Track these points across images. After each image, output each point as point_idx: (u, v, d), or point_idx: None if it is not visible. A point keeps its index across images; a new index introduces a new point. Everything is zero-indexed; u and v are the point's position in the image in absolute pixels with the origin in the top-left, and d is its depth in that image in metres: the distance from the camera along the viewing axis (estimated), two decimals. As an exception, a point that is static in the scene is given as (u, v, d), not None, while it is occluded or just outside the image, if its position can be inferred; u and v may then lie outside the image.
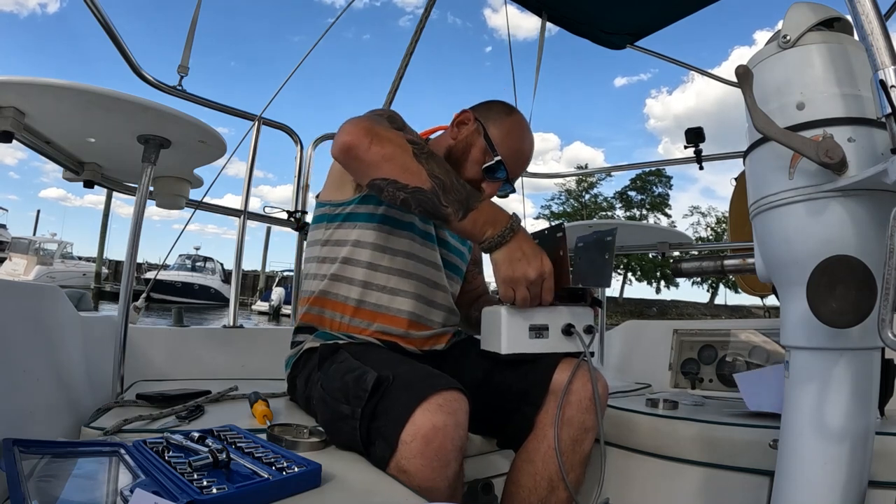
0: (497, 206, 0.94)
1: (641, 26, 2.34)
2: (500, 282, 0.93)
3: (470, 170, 1.09)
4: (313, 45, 2.13)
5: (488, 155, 1.08)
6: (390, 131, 0.93)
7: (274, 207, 2.04)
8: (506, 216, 0.93)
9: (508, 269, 0.91)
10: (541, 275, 0.91)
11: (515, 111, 1.16)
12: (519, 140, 1.12)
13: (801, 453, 0.68)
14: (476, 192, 0.93)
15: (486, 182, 1.09)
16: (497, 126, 1.11)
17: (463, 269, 1.26)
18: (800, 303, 0.65)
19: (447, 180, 0.89)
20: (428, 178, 0.88)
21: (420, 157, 0.89)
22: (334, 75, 79.76)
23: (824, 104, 0.66)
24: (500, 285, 0.94)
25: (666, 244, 2.28)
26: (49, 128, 1.19)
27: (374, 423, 0.78)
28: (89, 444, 0.75)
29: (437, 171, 0.89)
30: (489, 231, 0.91)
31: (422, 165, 0.88)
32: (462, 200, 0.89)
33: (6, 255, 20.52)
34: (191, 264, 24.28)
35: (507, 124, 1.12)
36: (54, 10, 65.55)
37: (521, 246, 0.91)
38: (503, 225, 0.91)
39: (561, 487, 0.94)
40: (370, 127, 0.91)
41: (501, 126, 1.11)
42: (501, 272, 0.91)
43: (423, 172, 0.88)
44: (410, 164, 0.88)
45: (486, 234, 0.91)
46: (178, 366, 1.49)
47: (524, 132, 1.14)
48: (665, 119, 52.47)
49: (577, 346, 0.99)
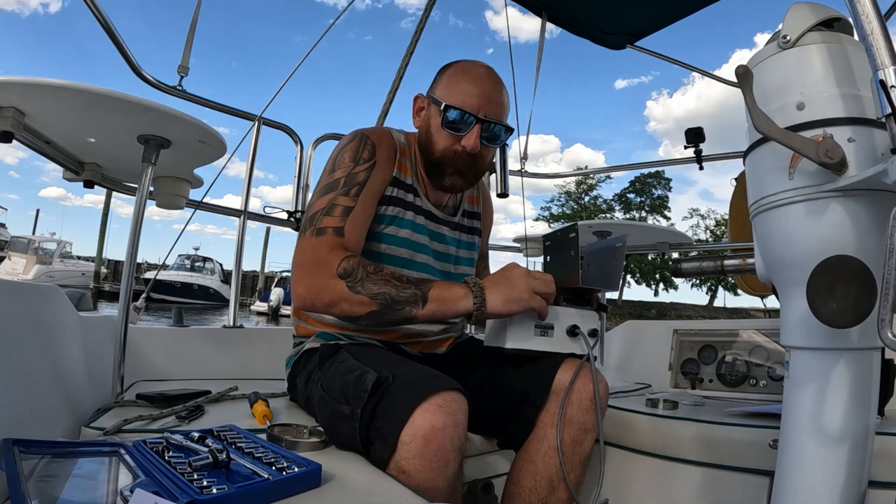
0: (450, 282, 0.94)
1: (641, 26, 2.34)
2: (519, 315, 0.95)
3: (439, 141, 1.06)
4: (313, 45, 2.13)
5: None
6: (323, 277, 0.91)
7: (274, 208, 2.04)
8: (462, 284, 0.92)
9: (513, 307, 0.91)
10: (535, 289, 0.92)
11: (460, 61, 1.12)
12: (466, 79, 1.06)
13: (801, 453, 0.68)
14: (424, 278, 0.94)
15: (458, 138, 1.04)
16: (441, 84, 1.09)
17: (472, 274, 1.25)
18: (800, 303, 0.65)
19: (388, 290, 0.89)
20: (371, 300, 0.89)
21: (356, 287, 0.89)
22: (335, 76, 79.89)
23: (824, 104, 0.66)
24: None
25: (666, 244, 2.28)
26: (49, 128, 1.19)
27: (374, 424, 0.78)
28: (89, 444, 0.75)
29: (374, 289, 0.89)
30: (462, 304, 0.90)
31: (360, 293, 0.89)
32: (414, 294, 0.89)
33: (5, 255, 20.50)
34: (190, 264, 24.25)
35: (449, 74, 1.09)
36: (56, 9, 65.65)
37: (500, 288, 0.91)
38: (466, 289, 0.90)
39: (561, 487, 0.94)
40: (309, 285, 0.92)
41: (445, 80, 1.09)
42: (512, 313, 0.92)
43: (363, 299, 0.89)
44: (352, 299, 0.89)
45: (462, 308, 0.90)
46: (178, 366, 1.49)
47: (470, 68, 1.09)
48: (666, 121, 52.54)
49: (581, 347, 0.99)
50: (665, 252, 2.35)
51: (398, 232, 1.07)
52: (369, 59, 72.32)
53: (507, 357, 0.99)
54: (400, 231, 1.07)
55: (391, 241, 1.07)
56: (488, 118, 1.04)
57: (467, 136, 1.04)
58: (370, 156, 1.04)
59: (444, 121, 1.04)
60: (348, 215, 0.97)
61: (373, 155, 1.04)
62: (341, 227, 0.96)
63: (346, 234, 0.96)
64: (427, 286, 0.90)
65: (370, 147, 1.05)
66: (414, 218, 1.09)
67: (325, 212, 0.98)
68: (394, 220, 1.07)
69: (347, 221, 0.97)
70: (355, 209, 0.98)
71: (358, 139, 1.05)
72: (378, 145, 1.05)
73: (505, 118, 1.09)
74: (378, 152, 1.05)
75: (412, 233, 1.09)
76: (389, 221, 1.07)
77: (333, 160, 1.05)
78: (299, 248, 0.97)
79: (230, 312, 1.84)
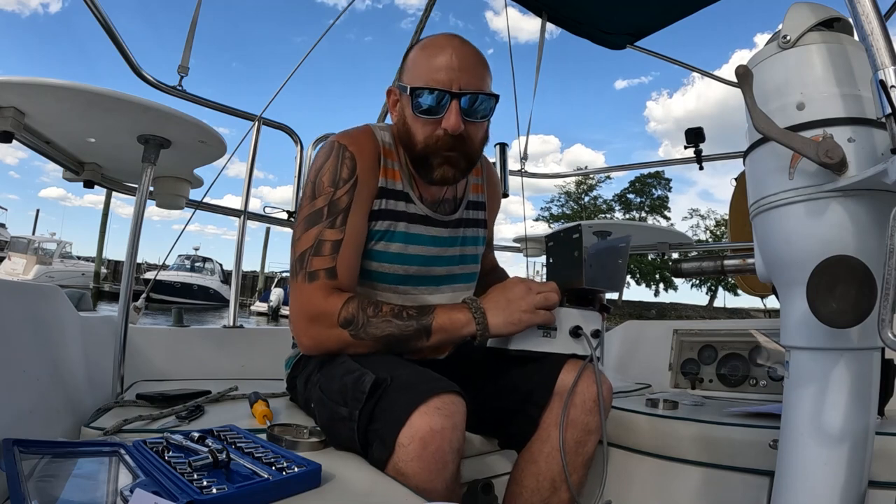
0: (449, 304, 0.95)
1: (641, 26, 2.35)
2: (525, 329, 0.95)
3: (417, 131, 0.97)
4: (313, 45, 2.13)
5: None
6: (325, 328, 0.91)
7: (274, 208, 2.04)
8: (462, 308, 0.93)
9: (515, 328, 0.92)
10: (537, 305, 0.92)
11: (423, 39, 1.03)
12: (429, 53, 0.97)
13: (801, 453, 0.68)
14: (425, 308, 0.93)
15: (436, 122, 0.95)
16: (406, 68, 1.01)
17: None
18: (800, 303, 0.65)
19: (391, 330, 0.90)
20: (375, 343, 0.90)
21: (359, 333, 0.90)
22: (336, 76, 79.79)
23: (824, 104, 0.66)
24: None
25: (666, 244, 2.28)
26: (49, 128, 1.19)
27: (372, 426, 0.78)
28: (89, 444, 0.75)
29: (377, 332, 0.90)
30: (465, 330, 0.92)
31: (363, 339, 0.90)
32: (417, 331, 0.90)
33: (5, 255, 20.51)
34: (190, 265, 24.25)
35: (412, 56, 1.01)
36: (56, 9, 65.60)
37: (501, 311, 0.92)
38: (468, 314, 0.92)
39: (563, 489, 0.94)
40: (312, 337, 0.93)
41: (409, 63, 1.01)
42: (517, 329, 0.93)
43: (368, 343, 0.90)
44: (357, 344, 0.90)
45: (465, 333, 0.92)
46: (178, 366, 1.49)
47: (431, 41, 0.99)
48: (665, 122, 52.48)
49: (584, 348, 0.99)
50: (665, 252, 2.36)
51: (388, 247, 1.01)
52: (370, 59, 72.31)
53: (510, 357, 0.98)
54: (390, 246, 1.01)
55: (381, 257, 1.01)
56: (464, 90, 0.94)
57: (445, 116, 0.94)
58: (350, 174, 0.96)
59: (416, 106, 0.95)
60: (338, 251, 0.93)
61: (353, 172, 0.96)
62: (333, 267, 0.93)
63: (340, 273, 0.93)
64: (429, 318, 0.90)
65: (349, 162, 0.97)
66: (406, 228, 1.03)
67: (313, 251, 0.93)
68: (384, 234, 1.01)
69: (339, 259, 0.93)
70: (344, 242, 0.94)
71: (335, 154, 0.97)
72: (358, 156, 0.97)
73: (486, 86, 0.98)
74: (359, 164, 0.97)
75: (404, 246, 1.03)
76: (379, 237, 1.01)
77: (313, 183, 0.97)
78: (294, 295, 0.94)
79: (230, 312, 1.84)
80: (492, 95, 0.98)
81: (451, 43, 0.97)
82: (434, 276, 1.08)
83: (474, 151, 1.01)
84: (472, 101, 0.95)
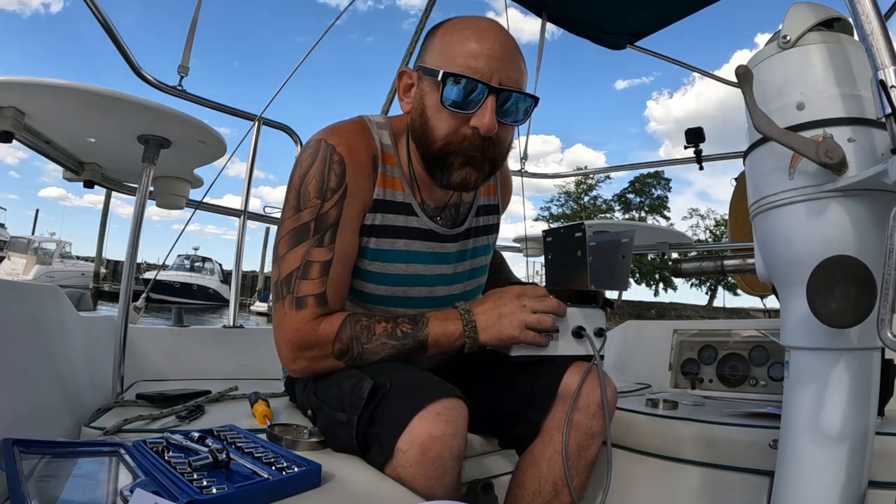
0: (442, 312, 0.88)
1: (641, 26, 2.35)
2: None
3: (440, 125, 0.84)
4: (313, 45, 2.13)
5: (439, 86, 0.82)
6: (317, 359, 0.85)
7: (274, 208, 2.05)
8: (455, 319, 0.87)
9: (504, 344, 0.88)
10: (528, 325, 0.87)
11: (454, 17, 0.89)
12: (469, 36, 0.83)
13: (801, 453, 0.68)
14: (417, 320, 0.86)
15: (466, 117, 0.83)
16: (434, 48, 0.86)
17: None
18: (800, 303, 0.65)
19: (388, 352, 0.85)
20: (371, 363, 0.86)
21: (355, 362, 0.85)
22: (336, 77, 79.87)
23: (824, 104, 0.66)
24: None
25: (666, 244, 2.28)
26: (49, 128, 1.19)
27: (371, 430, 0.77)
28: (89, 444, 0.75)
29: (374, 358, 0.85)
30: (458, 343, 0.87)
31: (360, 366, 0.85)
32: (414, 347, 0.85)
33: (5, 255, 20.51)
34: (189, 265, 24.27)
35: (442, 33, 0.86)
36: (57, 9, 65.65)
37: (490, 327, 0.87)
38: (460, 326, 0.86)
39: (565, 492, 0.92)
40: (304, 367, 0.88)
41: (438, 42, 0.86)
42: (506, 345, 0.89)
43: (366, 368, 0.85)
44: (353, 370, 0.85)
45: (458, 345, 0.87)
46: (178, 366, 1.49)
47: (471, 22, 0.86)
48: (666, 122, 52.56)
49: (588, 349, 0.96)
50: (665, 252, 2.36)
51: (386, 268, 0.93)
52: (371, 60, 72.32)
53: (511, 361, 0.97)
54: (388, 267, 0.93)
55: (378, 279, 0.93)
56: (504, 86, 0.81)
57: (479, 112, 0.81)
58: (338, 183, 0.86)
59: (445, 96, 0.81)
60: (328, 272, 0.85)
61: (342, 179, 0.86)
62: (322, 292, 0.84)
63: (330, 299, 0.86)
64: (424, 332, 0.86)
65: (337, 168, 0.86)
66: (407, 246, 0.94)
67: (300, 273, 0.84)
68: (380, 254, 0.92)
69: (329, 283, 0.85)
70: (334, 261, 0.86)
71: (322, 158, 0.86)
72: (349, 160, 0.86)
73: (525, 86, 0.86)
74: (349, 170, 0.86)
75: (405, 266, 0.94)
76: (375, 256, 0.92)
77: (298, 191, 0.87)
78: (279, 320, 0.86)
79: (230, 312, 1.84)
80: (531, 97, 0.85)
81: (493, 28, 0.84)
82: (438, 297, 1.00)
83: (501, 158, 0.90)
84: (510, 99, 0.83)
